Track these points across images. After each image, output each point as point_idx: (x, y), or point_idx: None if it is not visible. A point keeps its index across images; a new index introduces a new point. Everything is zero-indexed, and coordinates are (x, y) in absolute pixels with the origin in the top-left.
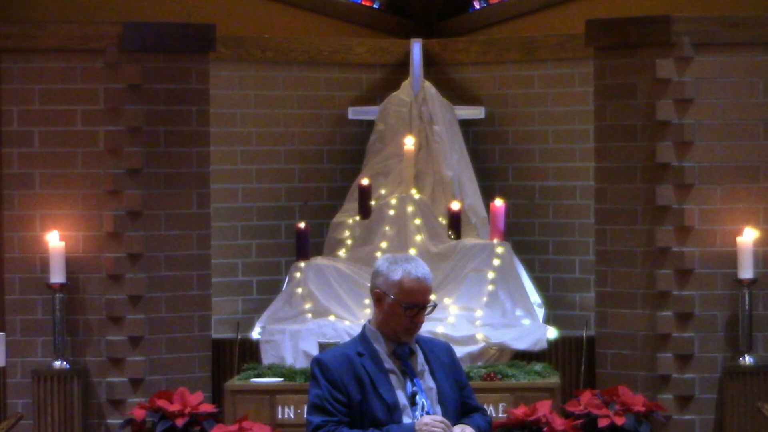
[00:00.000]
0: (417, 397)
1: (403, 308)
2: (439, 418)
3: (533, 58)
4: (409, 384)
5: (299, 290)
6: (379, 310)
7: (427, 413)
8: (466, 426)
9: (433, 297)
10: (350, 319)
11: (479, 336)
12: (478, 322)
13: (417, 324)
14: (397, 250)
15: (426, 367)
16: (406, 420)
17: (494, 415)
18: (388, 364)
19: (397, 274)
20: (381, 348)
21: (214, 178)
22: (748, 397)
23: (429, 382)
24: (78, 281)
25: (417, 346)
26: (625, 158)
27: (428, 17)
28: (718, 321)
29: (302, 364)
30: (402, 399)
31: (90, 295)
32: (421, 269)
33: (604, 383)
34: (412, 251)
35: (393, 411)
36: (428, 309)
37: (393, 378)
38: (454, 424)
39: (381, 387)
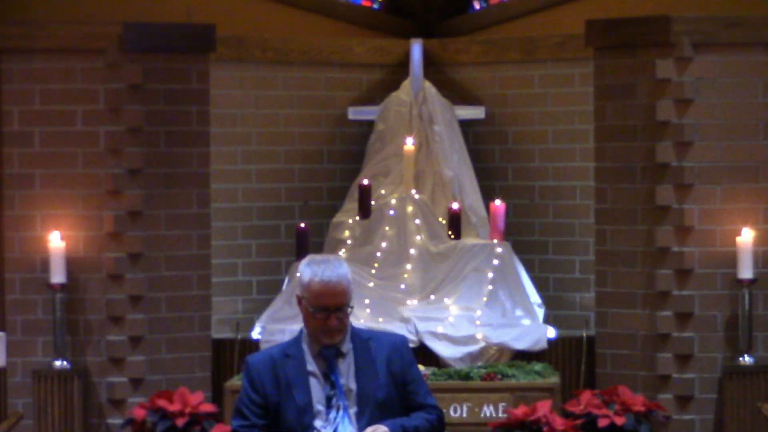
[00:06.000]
0: (334, 399)
1: (311, 311)
2: None
3: (533, 58)
4: (327, 386)
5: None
6: (301, 312)
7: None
8: (379, 426)
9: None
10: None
11: (479, 336)
12: (478, 322)
13: (330, 327)
14: (397, 250)
15: (353, 368)
16: (318, 423)
17: (494, 415)
18: (311, 366)
19: (306, 276)
20: (308, 349)
21: (214, 178)
22: (748, 397)
23: (351, 383)
24: (78, 281)
25: (351, 345)
26: (625, 158)
27: (428, 17)
28: (717, 321)
29: None
30: (318, 402)
31: (90, 295)
32: (331, 272)
33: (604, 383)
34: (412, 251)
35: (303, 413)
36: (345, 312)
37: (314, 380)
38: (376, 422)
39: (296, 389)
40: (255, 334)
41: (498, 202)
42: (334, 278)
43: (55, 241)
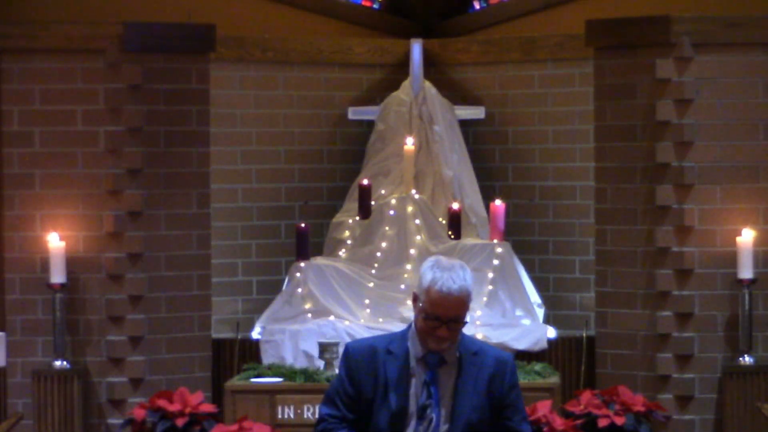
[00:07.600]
0: (428, 410)
1: (423, 317)
2: None
3: (533, 58)
4: (424, 394)
5: (299, 290)
6: (414, 310)
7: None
8: None
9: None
10: (350, 319)
11: (479, 336)
12: (478, 322)
13: (439, 336)
14: (397, 250)
15: (453, 380)
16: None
17: None
18: (414, 368)
19: (427, 279)
20: (413, 350)
21: (214, 178)
22: (748, 397)
23: (448, 397)
24: (78, 281)
25: (457, 355)
26: (625, 158)
27: (428, 17)
28: (718, 321)
29: (302, 364)
30: (413, 407)
31: (90, 295)
32: (452, 282)
33: (604, 383)
34: (412, 251)
35: (396, 419)
36: (459, 323)
37: (414, 382)
38: None
39: (393, 391)
40: (255, 334)
41: (498, 202)
42: (455, 290)
43: (55, 241)
